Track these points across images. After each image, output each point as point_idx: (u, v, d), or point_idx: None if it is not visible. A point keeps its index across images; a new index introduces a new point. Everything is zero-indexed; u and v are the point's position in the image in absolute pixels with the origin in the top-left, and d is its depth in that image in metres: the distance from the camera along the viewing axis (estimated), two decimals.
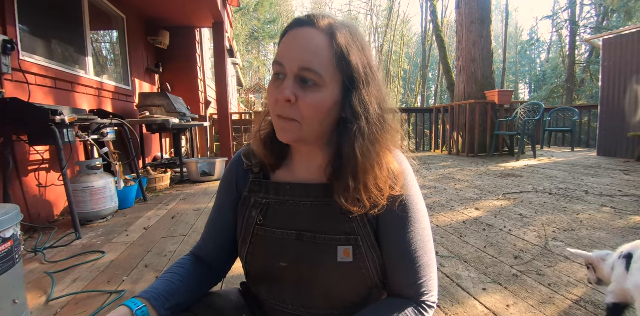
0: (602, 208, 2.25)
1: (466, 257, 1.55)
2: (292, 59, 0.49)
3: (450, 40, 16.71)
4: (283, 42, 0.51)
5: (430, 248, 0.57)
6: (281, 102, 0.50)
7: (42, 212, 2.37)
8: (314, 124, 0.51)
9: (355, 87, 0.51)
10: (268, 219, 0.59)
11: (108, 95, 3.51)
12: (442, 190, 3.02)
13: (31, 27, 2.48)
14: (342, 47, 0.49)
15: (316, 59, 0.48)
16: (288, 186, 0.59)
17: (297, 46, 0.49)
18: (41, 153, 2.37)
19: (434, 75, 27.12)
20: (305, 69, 0.48)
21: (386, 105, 0.55)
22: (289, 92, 0.49)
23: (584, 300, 1.15)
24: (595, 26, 15.78)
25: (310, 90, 0.49)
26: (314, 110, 0.49)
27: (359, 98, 0.51)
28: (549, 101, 17.46)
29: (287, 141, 0.53)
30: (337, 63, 0.49)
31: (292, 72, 0.49)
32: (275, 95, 0.50)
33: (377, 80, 0.53)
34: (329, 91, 0.50)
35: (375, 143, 0.52)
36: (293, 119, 0.50)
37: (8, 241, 1.10)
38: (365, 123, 0.51)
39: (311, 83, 0.49)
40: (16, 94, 2.16)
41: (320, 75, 0.48)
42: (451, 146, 6.02)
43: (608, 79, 4.92)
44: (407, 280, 0.55)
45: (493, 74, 5.81)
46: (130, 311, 0.50)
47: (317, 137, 0.54)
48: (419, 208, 0.57)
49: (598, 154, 5.07)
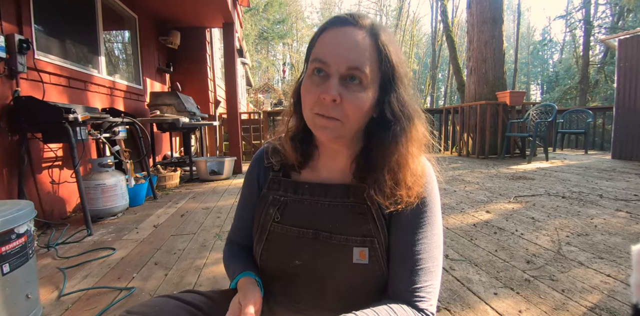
0: (617, 213, 2.19)
1: (477, 261, 1.53)
2: (339, 58, 0.49)
3: (460, 40, 16.53)
4: (324, 39, 0.51)
5: (437, 255, 0.55)
6: (327, 101, 0.49)
7: (55, 208, 2.41)
8: (355, 123, 0.51)
9: (395, 87, 0.52)
10: (285, 217, 0.59)
11: (120, 94, 3.56)
12: (452, 191, 2.98)
13: (46, 27, 2.53)
14: (385, 47, 0.50)
15: (363, 58, 0.48)
16: (307, 185, 0.60)
17: (345, 45, 0.49)
18: (55, 151, 2.42)
19: (443, 75, 26.87)
20: (354, 68, 0.48)
21: (418, 105, 0.56)
22: (335, 91, 0.48)
23: (599, 307, 1.12)
24: (610, 26, 15.43)
25: (354, 90, 0.49)
26: (358, 110, 0.50)
27: (398, 98, 0.52)
28: (562, 102, 17.14)
29: (328, 140, 0.53)
30: (380, 63, 0.50)
31: (338, 71, 0.49)
32: (319, 94, 0.49)
33: (409, 79, 0.55)
34: (371, 91, 0.50)
35: (412, 142, 0.53)
36: (335, 118, 0.50)
37: (22, 237, 1.12)
38: (405, 123, 0.52)
39: (357, 82, 0.49)
40: (31, 93, 2.20)
41: (367, 75, 0.49)
42: (461, 147, 5.94)
43: (624, 80, 4.80)
44: (407, 283, 0.52)
45: (504, 74, 5.72)
46: (254, 280, 0.58)
47: (353, 136, 0.55)
48: (435, 213, 0.56)
49: (613, 157, 4.95)
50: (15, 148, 2.08)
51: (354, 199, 0.56)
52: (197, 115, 4.21)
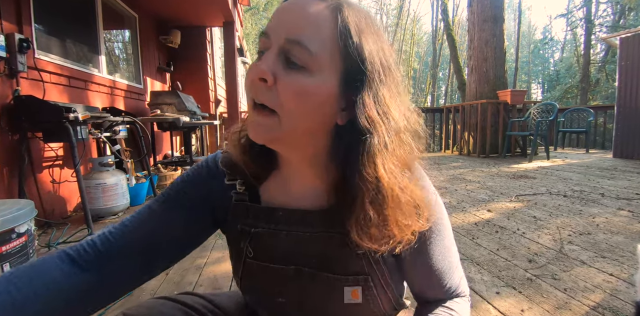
0: (619, 212, 2.18)
1: (478, 260, 1.52)
2: (279, 27, 0.38)
3: (461, 39, 16.50)
4: (274, 12, 0.40)
5: (456, 260, 0.51)
6: (255, 82, 0.38)
7: (56, 207, 2.41)
8: (296, 119, 0.38)
9: (370, 83, 0.39)
10: (259, 252, 0.49)
11: (120, 94, 3.56)
12: (453, 190, 2.97)
13: (46, 26, 2.52)
14: (350, 24, 0.38)
15: (311, 31, 0.37)
16: (281, 212, 0.48)
17: (289, 14, 0.38)
18: (55, 150, 2.41)
19: (444, 74, 26.83)
20: (293, 41, 0.37)
21: (408, 110, 0.44)
22: (266, 66, 0.37)
23: (602, 306, 1.12)
24: (611, 24, 15.40)
25: (296, 71, 0.37)
26: (298, 99, 0.37)
27: (376, 98, 0.39)
28: (563, 101, 17.11)
29: (260, 140, 0.40)
30: (340, 43, 0.37)
31: (277, 43, 0.38)
32: (249, 74, 0.39)
33: (396, 79, 0.42)
34: (322, 79, 0.38)
35: (398, 161, 0.41)
36: (270, 109, 0.39)
37: (22, 236, 1.12)
38: (386, 134, 0.39)
39: (299, 63, 0.37)
40: (31, 92, 2.20)
41: (312, 54, 0.37)
42: (462, 146, 5.93)
43: (625, 78, 4.79)
44: (436, 294, 0.51)
45: (505, 73, 5.71)
46: None
47: (302, 143, 0.42)
48: (444, 228, 0.49)
49: (614, 156, 4.93)
50: (15, 147, 2.07)
51: (341, 229, 0.43)
52: (198, 114, 4.20)
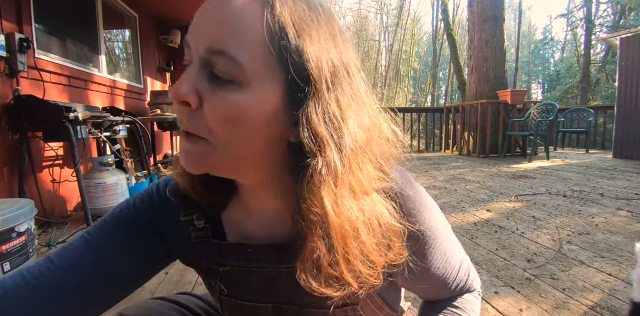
0: (618, 212, 2.19)
1: (477, 259, 1.53)
2: (197, 35, 0.31)
3: (461, 39, 16.49)
4: (195, 14, 0.33)
5: (459, 259, 0.47)
6: (177, 106, 0.32)
7: (56, 207, 2.42)
8: (233, 145, 0.32)
9: (314, 94, 0.31)
10: (233, 290, 0.45)
11: (120, 93, 3.56)
12: (453, 190, 2.98)
13: (46, 26, 2.53)
14: (285, 21, 0.30)
15: (236, 35, 0.30)
16: (249, 248, 0.42)
17: (209, 15, 0.31)
18: (55, 150, 2.42)
19: (444, 74, 26.82)
20: (215, 50, 0.30)
21: (374, 118, 0.36)
22: (187, 87, 0.31)
23: (600, 306, 1.12)
24: (611, 25, 15.39)
25: (224, 89, 0.30)
26: (229, 121, 0.31)
27: (324, 110, 0.31)
28: (563, 101, 17.11)
29: (193, 171, 0.34)
30: (274, 47, 0.30)
31: (197, 54, 0.31)
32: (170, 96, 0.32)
33: (354, 84, 0.34)
34: (259, 93, 0.31)
35: (358, 185, 0.33)
36: (196, 135, 0.32)
37: (22, 235, 1.12)
38: (336, 156, 0.31)
39: (226, 78, 0.30)
40: (31, 91, 2.20)
41: (241, 64, 0.29)
42: (461, 146, 5.94)
43: (625, 78, 4.79)
44: (443, 295, 0.50)
45: (505, 73, 5.71)
46: None
47: (249, 168, 0.35)
48: (437, 232, 0.43)
49: (614, 156, 4.94)
50: (15, 147, 2.08)
51: None
52: None
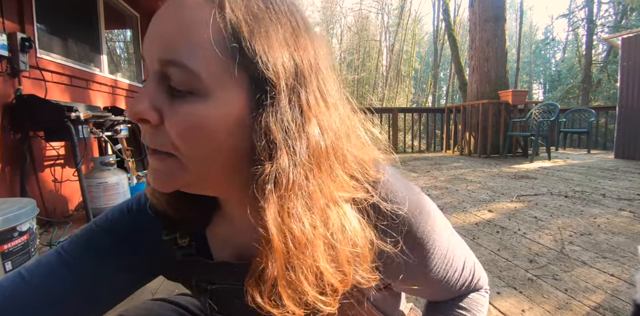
0: (620, 212, 2.18)
1: (479, 260, 1.51)
2: (149, 47, 0.30)
3: (462, 39, 16.47)
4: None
5: (461, 259, 0.46)
6: (139, 122, 0.31)
7: (57, 206, 2.42)
8: (202, 159, 0.30)
9: (271, 96, 0.29)
10: (222, 307, 0.44)
11: (122, 93, 3.56)
12: (454, 191, 2.97)
13: (48, 26, 2.53)
14: (237, 20, 0.28)
15: (187, 41, 0.28)
16: (236, 268, 0.40)
17: (160, 23, 0.30)
18: (57, 149, 2.42)
19: (445, 74, 26.81)
20: (167, 61, 0.29)
21: (343, 121, 0.34)
22: (145, 104, 0.29)
23: (603, 307, 1.11)
24: (613, 25, 15.36)
25: (182, 101, 0.29)
26: (194, 135, 0.29)
27: (280, 114, 0.29)
28: (564, 102, 17.08)
29: (163, 189, 0.33)
30: (228, 51, 0.29)
31: (153, 69, 0.31)
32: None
33: (321, 83, 0.32)
34: (223, 102, 0.29)
35: (317, 195, 0.30)
36: (167, 153, 0.31)
37: (24, 235, 1.12)
38: (288, 161, 0.29)
39: (184, 89, 0.29)
40: (33, 91, 2.20)
41: (195, 73, 0.28)
42: (462, 147, 5.93)
43: (627, 79, 4.78)
44: (448, 296, 0.49)
45: (507, 73, 5.71)
46: None
47: (223, 182, 0.33)
48: (434, 233, 0.41)
49: (615, 156, 4.93)
50: (17, 146, 2.08)
51: None
52: None
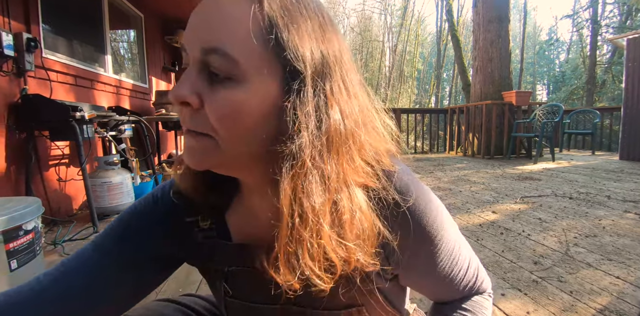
0: (625, 214, 2.16)
1: (483, 261, 1.51)
2: (191, 37, 0.33)
3: (465, 39, 16.43)
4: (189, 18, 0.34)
5: (467, 259, 0.47)
6: (179, 107, 0.34)
7: (62, 205, 2.43)
8: (237, 140, 0.33)
9: (302, 83, 0.32)
10: (237, 291, 0.45)
11: (126, 93, 3.58)
12: (458, 192, 2.96)
13: (53, 26, 2.55)
14: (274, 14, 0.31)
15: (227, 32, 0.31)
16: (253, 250, 0.42)
17: (201, 16, 0.33)
18: (61, 149, 2.43)
19: (448, 75, 26.73)
20: (209, 49, 0.31)
21: (362, 110, 0.36)
22: (187, 88, 0.32)
23: (609, 309, 1.10)
24: (618, 25, 15.25)
25: (222, 87, 0.32)
26: (231, 118, 0.32)
27: (307, 98, 0.32)
28: (568, 103, 16.98)
29: (197, 167, 0.36)
30: (266, 42, 0.31)
31: (194, 56, 0.33)
32: (170, 98, 0.34)
33: (345, 74, 0.35)
34: (258, 88, 0.32)
35: (332, 174, 0.33)
36: (204, 133, 0.33)
37: (30, 233, 1.13)
38: (309, 138, 0.32)
39: (223, 75, 0.32)
40: (38, 91, 2.22)
41: (235, 60, 0.31)
42: (466, 147, 5.91)
43: (632, 80, 4.74)
44: (452, 296, 0.50)
45: (510, 74, 5.68)
46: None
47: (253, 164, 0.35)
48: (442, 230, 0.43)
49: (620, 158, 4.89)
50: (22, 145, 2.09)
51: None
52: None
